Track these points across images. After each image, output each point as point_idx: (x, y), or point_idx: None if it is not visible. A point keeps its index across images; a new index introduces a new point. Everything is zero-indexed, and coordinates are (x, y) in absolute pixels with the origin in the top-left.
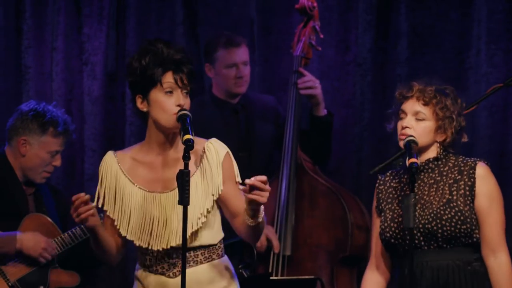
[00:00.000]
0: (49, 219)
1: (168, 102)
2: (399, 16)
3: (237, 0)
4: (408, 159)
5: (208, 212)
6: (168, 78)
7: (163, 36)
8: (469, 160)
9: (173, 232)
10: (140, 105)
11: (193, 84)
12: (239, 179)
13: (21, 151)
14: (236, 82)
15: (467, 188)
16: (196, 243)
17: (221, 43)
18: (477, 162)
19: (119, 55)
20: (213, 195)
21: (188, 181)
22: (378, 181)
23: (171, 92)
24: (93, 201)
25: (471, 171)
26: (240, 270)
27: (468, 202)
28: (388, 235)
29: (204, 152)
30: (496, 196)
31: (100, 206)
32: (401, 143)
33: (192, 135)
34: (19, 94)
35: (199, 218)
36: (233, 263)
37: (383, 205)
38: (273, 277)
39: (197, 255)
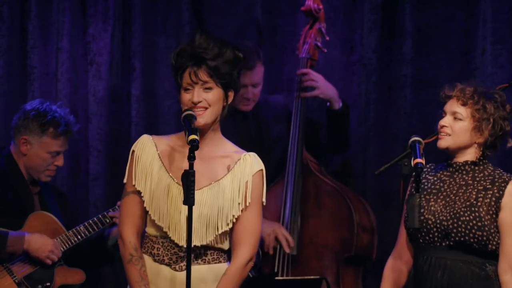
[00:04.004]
0: (53, 217)
1: (185, 98)
2: (404, 16)
3: (242, 0)
4: (414, 159)
5: (235, 219)
6: (186, 76)
7: (168, 37)
8: (505, 174)
9: (196, 231)
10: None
11: (219, 78)
12: (264, 200)
13: (22, 150)
14: (242, 101)
15: (493, 198)
16: (211, 244)
17: None
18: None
19: (125, 55)
20: (239, 203)
21: (193, 182)
22: None
23: (189, 89)
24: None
25: (503, 184)
26: None
27: (491, 212)
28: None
29: (239, 160)
30: None
31: (133, 184)
32: (439, 142)
33: (197, 136)
34: (24, 95)
35: (228, 224)
36: None
37: None
38: (279, 277)
39: (207, 254)
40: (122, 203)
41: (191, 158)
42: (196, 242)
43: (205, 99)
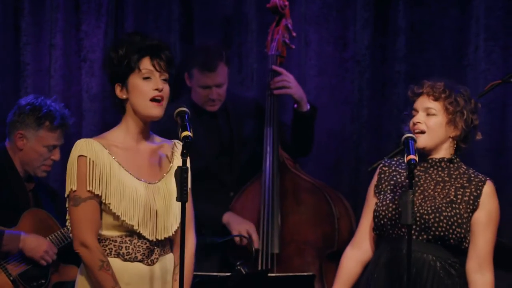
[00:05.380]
0: (48, 214)
1: (146, 87)
2: (398, 13)
3: None
4: (407, 156)
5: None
6: (146, 64)
7: (160, 33)
8: (480, 174)
9: (163, 223)
10: (120, 93)
11: (171, 71)
12: (189, 185)
13: (18, 145)
14: (208, 102)
15: (472, 197)
16: (173, 234)
17: (197, 63)
18: (487, 179)
19: None
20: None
21: (187, 178)
22: (383, 162)
23: (149, 77)
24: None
25: (480, 184)
26: (239, 267)
27: (469, 210)
28: (383, 214)
29: (174, 147)
30: (496, 218)
31: (89, 189)
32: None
33: (190, 132)
34: (17, 91)
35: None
36: (231, 259)
37: (384, 185)
38: (271, 274)
39: (166, 245)
40: (78, 210)
41: (184, 154)
42: (165, 234)
43: (164, 89)
